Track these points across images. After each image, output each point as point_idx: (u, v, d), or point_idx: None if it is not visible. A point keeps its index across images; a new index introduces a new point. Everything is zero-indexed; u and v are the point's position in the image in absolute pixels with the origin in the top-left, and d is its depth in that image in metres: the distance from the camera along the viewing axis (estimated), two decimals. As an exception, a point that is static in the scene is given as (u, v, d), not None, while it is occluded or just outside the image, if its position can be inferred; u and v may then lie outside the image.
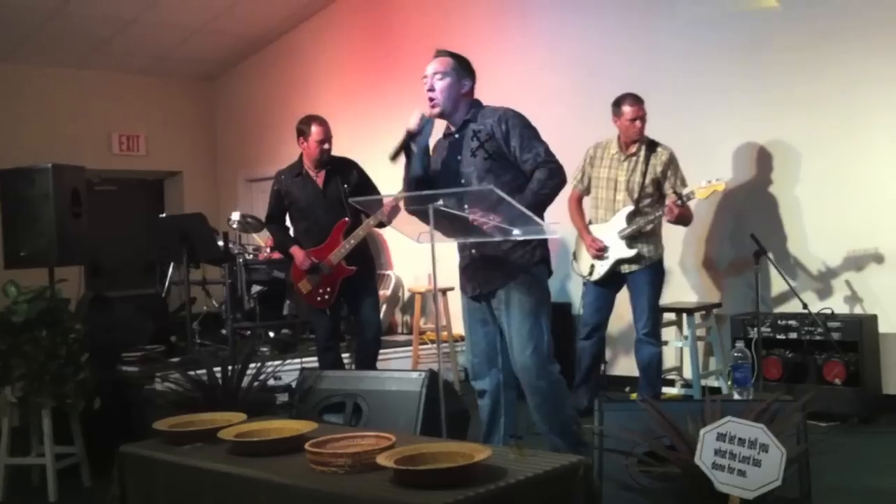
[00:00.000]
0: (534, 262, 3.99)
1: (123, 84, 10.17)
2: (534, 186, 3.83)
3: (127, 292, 6.80)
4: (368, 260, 5.87)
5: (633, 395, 5.91)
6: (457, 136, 4.07)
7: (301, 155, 5.75)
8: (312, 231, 5.67)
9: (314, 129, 5.58)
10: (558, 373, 4.04)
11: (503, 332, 4.04)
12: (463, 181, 3.98)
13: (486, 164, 3.94)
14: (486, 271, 4.01)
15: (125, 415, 5.17)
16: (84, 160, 6.38)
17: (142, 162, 10.50)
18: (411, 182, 4.07)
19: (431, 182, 4.05)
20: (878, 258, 5.73)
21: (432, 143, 4.18)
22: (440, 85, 3.99)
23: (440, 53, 4.08)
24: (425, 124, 4.00)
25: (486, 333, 4.12)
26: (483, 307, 4.10)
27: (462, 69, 4.05)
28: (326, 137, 5.61)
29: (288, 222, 5.91)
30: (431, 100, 4.01)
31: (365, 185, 5.74)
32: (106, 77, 10.01)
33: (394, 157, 4.02)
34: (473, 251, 4.02)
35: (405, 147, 4.03)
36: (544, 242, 4.07)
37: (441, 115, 4.06)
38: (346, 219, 5.55)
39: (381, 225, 5.32)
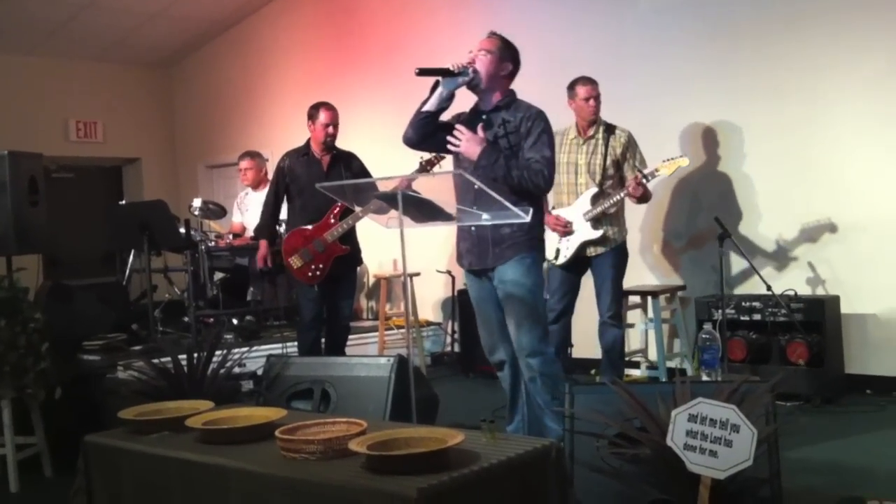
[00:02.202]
0: (529, 244, 4.08)
1: (80, 70, 10.01)
2: (522, 164, 3.96)
3: (87, 281, 6.70)
4: (356, 251, 5.98)
5: (597, 377, 5.95)
6: (484, 117, 4.14)
7: (308, 140, 5.93)
8: (308, 209, 5.78)
9: (322, 113, 5.82)
10: (552, 354, 4.16)
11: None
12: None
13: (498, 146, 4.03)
14: (484, 248, 4.10)
15: (87, 404, 5.09)
16: (41, 147, 6.27)
17: (99, 149, 10.35)
18: (421, 114, 4.10)
19: (436, 127, 4.11)
20: (841, 240, 5.79)
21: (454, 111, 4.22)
22: (482, 60, 4.07)
23: (492, 35, 4.18)
24: (464, 73, 3.99)
25: (495, 308, 4.18)
26: (485, 282, 4.18)
27: (507, 53, 4.14)
28: (332, 122, 5.83)
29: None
30: (474, 71, 4.05)
31: (365, 176, 5.81)
32: (62, 63, 9.85)
33: (421, 72, 3.95)
34: (473, 229, 4.10)
35: (436, 75, 4.00)
36: (540, 226, 4.21)
37: (474, 87, 4.09)
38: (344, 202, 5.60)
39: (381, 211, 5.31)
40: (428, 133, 4.12)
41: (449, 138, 3.99)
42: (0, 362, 4.52)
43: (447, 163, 5.55)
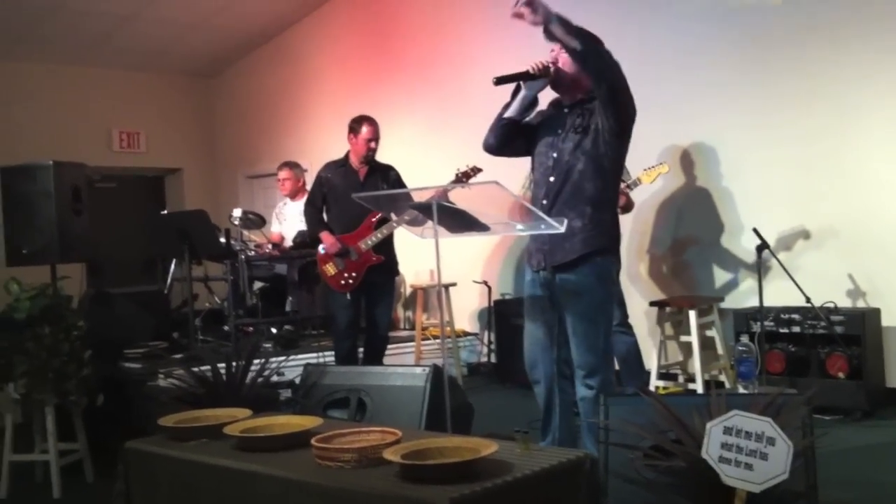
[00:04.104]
0: (602, 246, 3.87)
1: (123, 81, 10.15)
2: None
3: (129, 289, 6.80)
4: (393, 261, 6.06)
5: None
6: (566, 110, 3.98)
7: (348, 152, 6.01)
8: (343, 218, 5.88)
9: (365, 128, 5.88)
10: (612, 377, 3.93)
11: (562, 318, 3.93)
12: (555, 155, 3.91)
13: (577, 138, 3.87)
14: (547, 245, 3.89)
15: (127, 411, 5.17)
16: (84, 157, 6.38)
17: (142, 159, 10.49)
18: (502, 120, 4.00)
19: (517, 131, 4.01)
20: (881, 252, 5.72)
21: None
22: (564, 57, 3.89)
23: None
24: (544, 74, 3.87)
25: (545, 321, 3.98)
26: (545, 291, 3.95)
27: None
28: (375, 137, 5.90)
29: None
30: (556, 69, 3.92)
31: (401, 188, 5.83)
32: (106, 73, 9.99)
33: (500, 81, 3.84)
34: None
35: (516, 81, 3.90)
36: (616, 226, 3.99)
37: (556, 85, 3.96)
38: (379, 212, 5.65)
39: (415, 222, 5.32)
40: (509, 140, 4.01)
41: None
42: (43, 369, 4.60)
43: (483, 175, 5.60)
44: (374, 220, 5.76)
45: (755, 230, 5.59)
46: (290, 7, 9.42)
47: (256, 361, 4.79)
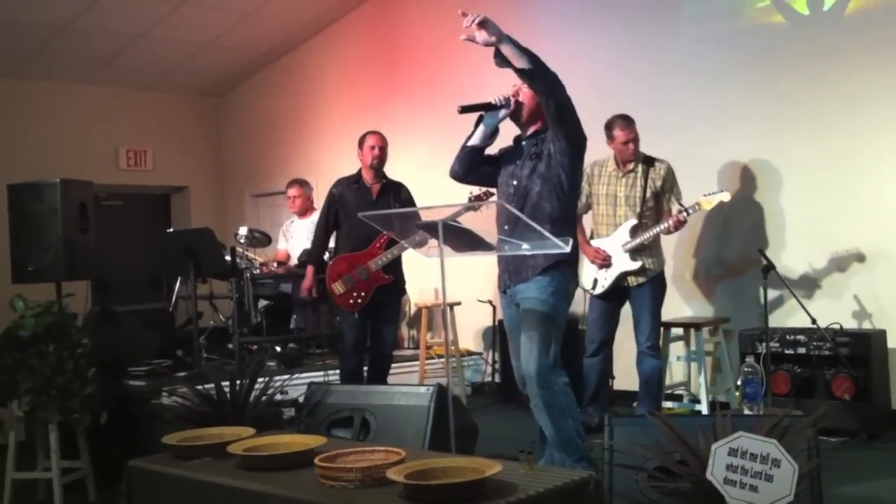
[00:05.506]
0: (552, 263, 3.99)
1: (131, 99, 10.19)
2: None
3: (134, 307, 6.79)
4: (401, 280, 6.07)
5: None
6: (523, 143, 4.20)
7: (360, 169, 6.04)
8: (354, 235, 5.87)
9: (369, 137, 5.98)
10: (563, 384, 4.05)
11: None
12: (515, 182, 4.13)
13: (532, 164, 4.10)
14: (512, 265, 4.11)
15: (131, 429, 5.16)
16: (91, 175, 6.37)
17: (149, 177, 10.51)
18: (466, 149, 4.23)
19: (481, 160, 4.25)
20: (887, 274, 5.71)
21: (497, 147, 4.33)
22: (526, 92, 4.13)
23: None
24: (506, 105, 4.09)
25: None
26: (516, 309, 4.14)
27: None
28: (378, 145, 5.96)
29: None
30: (516, 102, 4.15)
31: (412, 206, 5.91)
32: (113, 92, 10.04)
33: (464, 109, 4.05)
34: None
35: (479, 111, 4.12)
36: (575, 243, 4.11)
37: (516, 118, 4.17)
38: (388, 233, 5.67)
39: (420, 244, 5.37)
40: (474, 167, 4.22)
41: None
42: (47, 386, 4.59)
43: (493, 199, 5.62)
44: (384, 238, 5.75)
45: (761, 251, 5.59)
46: (298, 27, 9.47)
47: (260, 380, 4.78)
